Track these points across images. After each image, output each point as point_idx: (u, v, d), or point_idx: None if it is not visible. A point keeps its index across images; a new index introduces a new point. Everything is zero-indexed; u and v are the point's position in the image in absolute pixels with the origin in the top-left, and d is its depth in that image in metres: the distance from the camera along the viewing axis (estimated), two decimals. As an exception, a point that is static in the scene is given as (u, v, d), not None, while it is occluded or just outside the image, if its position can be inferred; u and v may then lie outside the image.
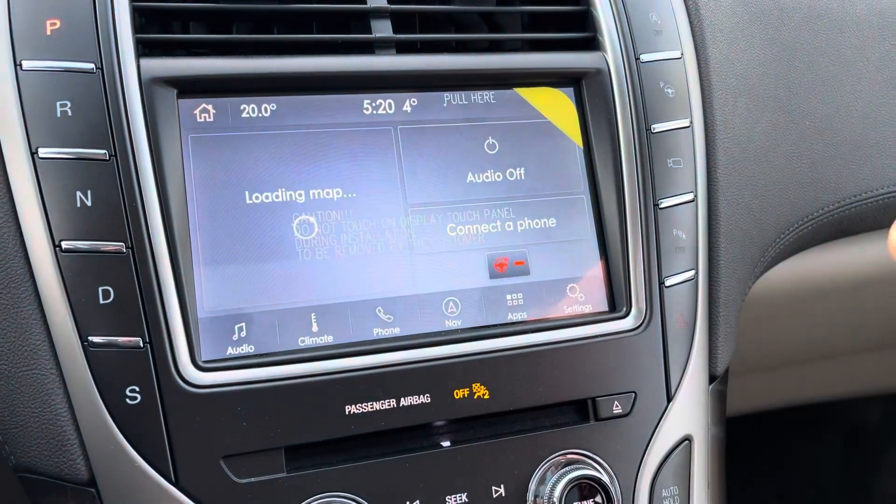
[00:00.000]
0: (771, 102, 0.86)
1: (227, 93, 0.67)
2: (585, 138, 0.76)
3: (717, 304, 0.78)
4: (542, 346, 0.69)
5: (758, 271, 0.86)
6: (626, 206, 0.74)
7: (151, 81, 0.64)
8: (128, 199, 0.61)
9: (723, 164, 0.80)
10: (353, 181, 0.69)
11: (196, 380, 0.62)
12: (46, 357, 0.61)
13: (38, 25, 0.62)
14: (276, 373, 0.63)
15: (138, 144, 0.62)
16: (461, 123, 0.73)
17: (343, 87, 0.70)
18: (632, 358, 0.72)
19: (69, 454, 0.61)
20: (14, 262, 0.61)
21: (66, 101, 0.61)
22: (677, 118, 0.78)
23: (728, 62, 0.83)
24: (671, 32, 0.80)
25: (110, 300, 0.61)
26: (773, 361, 1.31)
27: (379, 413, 0.65)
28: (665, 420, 0.72)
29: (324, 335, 0.67)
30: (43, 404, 0.61)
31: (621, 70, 0.76)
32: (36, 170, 0.61)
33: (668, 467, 0.72)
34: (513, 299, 0.72)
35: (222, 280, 0.65)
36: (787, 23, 0.89)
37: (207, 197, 0.65)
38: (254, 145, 0.67)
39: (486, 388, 0.68)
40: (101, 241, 0.61)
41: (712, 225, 0.79)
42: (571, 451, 0.69)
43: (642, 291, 0.73)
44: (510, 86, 0.75)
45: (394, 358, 0.66)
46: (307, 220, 0.67)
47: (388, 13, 0.73)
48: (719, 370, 0.79)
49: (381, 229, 0.69)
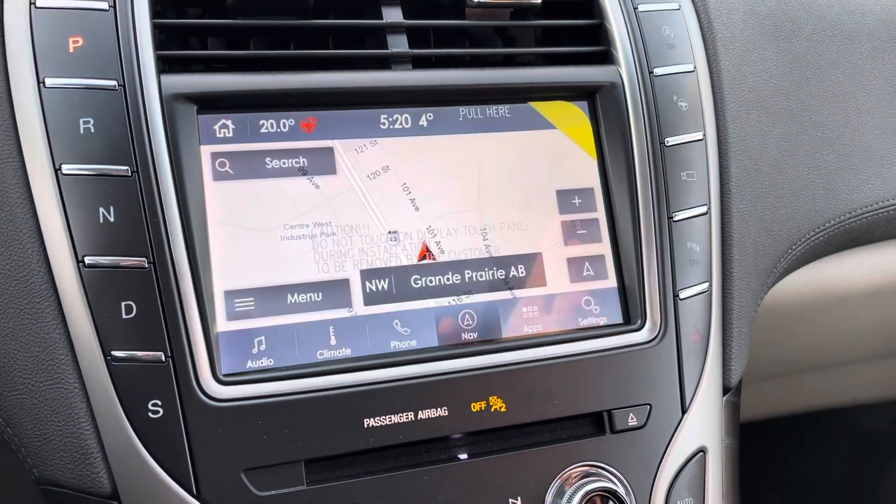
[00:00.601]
0: (783, 114, 0.87)
1: (246, 108, 0.68)
2: (600, 151, 0.76)
3: (730, 316, 0.79)
4: (558, 358, 0.70)
5: (770, 282, 0.86)
6: (640, 219, 0.74)
7: (172, 98, 0.64)
8: (149, 214, 0.62)
9: (736, 176, 0.81)
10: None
11: (217, 393, 0.62)
12: (69, 371, 0.62)
13: (61, 43, 0.63)
14: (296, 386, 0.64)
15: (160, 160, 0.63)
16: (477, 134, 0.73)
17: (360, 102, 0.71)
18: (647, 370, 0.72)
19: (92, 467, 0.62)
20: (38, 277, 0.62)
21: (88, 118, 0.62)
22: (691, 131, 0.78)
23: (740, 75, 0.84)
24: (684, 46, 0.81)
25: (132, 315, 0.61)
26: (780, 370, 1.31)
27: (397, 426, 0.65)
28: (680, 432, 0.73)
29: (342, 348, 0.67)
30: (66, 418, 0.62)
31: (635, 83, 0.77)
32: (59, 186, 0.61)
33: (683, 479, 0.72)
34: (528, 311, 0.72)
35: (242, 295, 0.65)
36: (798, 35, 0.90)
37: (226, 212, 0.66)
38: (273, 161, 0.68)
39: (503, 401, 0.68)
40: (123, 257, 0.61)
41: (725, 237, 0.79)
42: (587, 463, 0.69)
43: (657, 304, 0.73)
44: (525, 100, 0.76)
45: (411, 371, 0.66)
46: (325, 234, 0.68)
47: (405, 28, 0.74)
48: (733, 381, 0.79)
49: (398, 242, 0.70)
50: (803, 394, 1.46)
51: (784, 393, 1.43)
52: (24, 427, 0.63)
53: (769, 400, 1.43)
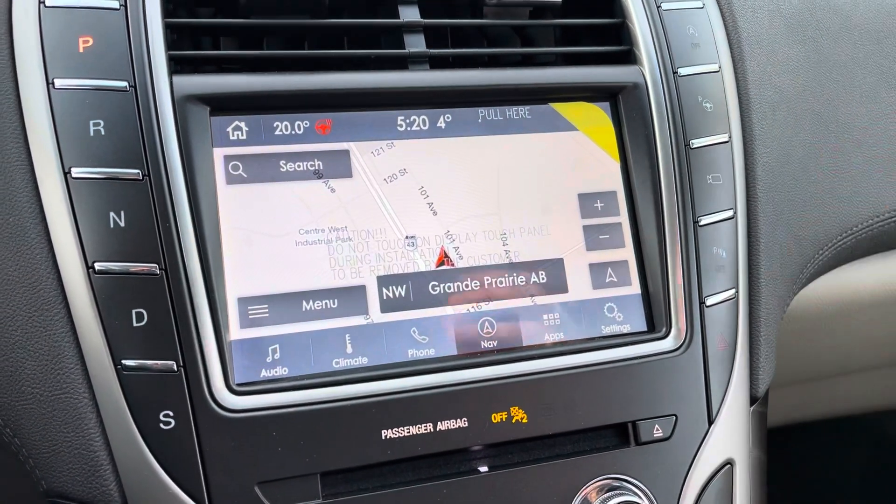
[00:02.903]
0: (809, 115, 0.85)
1: (259, 110, 0.66)
2: (623, 154, 0.74)
3: (757, 324, 0.76)
4: (581, 367, 0.68)
5: (796, 288, 0.84)
6: (665, 224, 0.72)
7: (185, 99, 0.63)
8: (161, 219, 0.60)
9: (762, 179, 0.79)
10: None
11: (230, 404, 0.60)
12: (79, 381, 0.60)
13: (71, 43, 0.62)
14: (312, 396, 0.62)
15: (171, 164, 0.61)
16: (496, 136, 0.72)
17: (377, 104, 0.69)
18: (672, 380, 0.70)
19: (102, 479, 0.60)
20: (47, 284, 0.60)
21: (99, 119, 0.61)
22: (716, 133, 0.76)
23: (766, 75, 0.82)
24: (709, 45, 0.78)
25: (144, 323, 0.59)
26: (800, 376, 1.28)
27: (416, 438, 0.63)
28: (706, 443, 0.70)
29: (358, 357, 0.65)
30: (76, 429, 0.60)
31: (659, 84, 0.74)
32: (69, 190, 0.60)
33: (710, 492, 0.70)
34: (549, 319, 0.70)
35: (255, 302, 0.64)
36: (824, 35, 0.88)
37: (240, 217, 0.64)
38: (287, 164, 0.66)
39: (525, 412, 0.66)
40: (134, 263, 0.60)
41: (752, 242, 0.77)
42: (611, 476, 0.67)
43: (682, 311, 0.71)
44: (545, 100, 0.74)
45: (430, 381, 0.65)
46: (341, 239, 0.66)
47: (422, 28, 0.72)
48: (760, 391, 0.77)
49: (416, 248, 0.68)
50: (822, 400, 1.44)
51: (803, 399, 1.41)
52: (32, 438, 0.61)
53: (788, 406, 1.40)
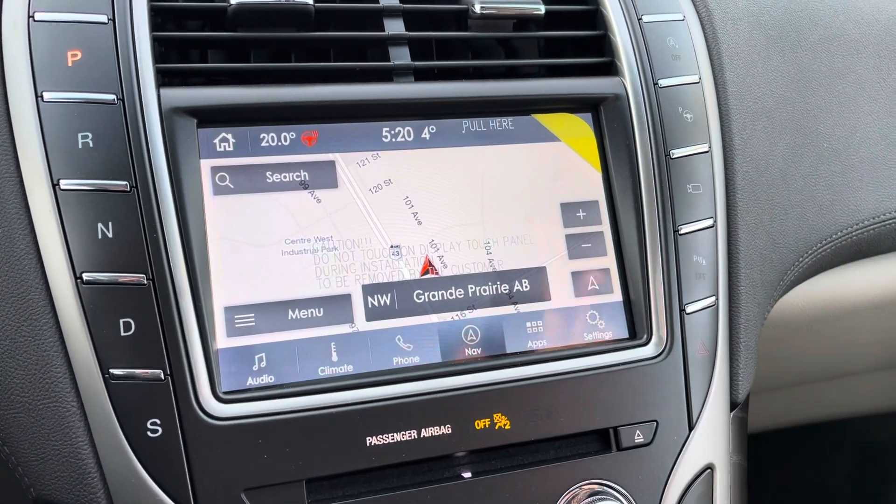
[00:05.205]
0: (788, 125, 0.86)
1: (246, 122, 0.67)
2: (604, 164, 0.75)
3: (737, 331, 0.78)
4: (563, 374, 0.69)
5: (777, 295, 0.85)
6: (646, 233, 0.73)
7: (172, 111, 0.64)
8: (148, 230, 0.61)
9: (742, 188, 0.80)
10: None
11: (217, 412, 0.61)
12: (67, 389, 0.61)
13: (60, 57, 0.62)
14: (297, 404, 0.63)
15: (159, 175, 0.62)
16: (480, 147, 0.73)
17: (362, 116, 0.70)
18: (653, 386, 0.71)
19: (89, 487, 0.61)
20: (35, 294, 0.61)
21: (87, 132, 0.61)
22: (696, 143, 0.77)
23: (745, 86, 0.83)
24: (689, 57, 0.80)
25: (131, 332, 0.60)
26: (785, 381, 1.30)
27: (400, 444, 0.64)
28: (687, 449, 0.72)
29: (344, 365, 0.66)
30: (63, 437, 0.61)
31: (640, 95, 0.76)
32: (58, 201, 0.61)
33: (691, 497, 0.71)
34: (532, 326, 0.71)
35: (242, 311, 0.64)
36: (803, 45, 0.89)
37: (227, 227, 0.65)
38: (273, 175, 0.67)
39: (507, 418, 0.67)
40: (122, 273, 0.61)
41: (732, 250, 0.78)
42: (593, 481, 0.68)
43: (663, 318, 0.72)
44: (528, 112, 0.75)
45: (414, 388, 0.65)
46: (326, 248, 0.67)
47: (407, 40, 0.73)
48: (740, 397, 0.78)
49: (401, 256, 0.69)
50: (808, 405, 1.45)
51: (788, 404, 1.42)
52: (21, 446, 0.62)
53: (773, 411, 1.41)
